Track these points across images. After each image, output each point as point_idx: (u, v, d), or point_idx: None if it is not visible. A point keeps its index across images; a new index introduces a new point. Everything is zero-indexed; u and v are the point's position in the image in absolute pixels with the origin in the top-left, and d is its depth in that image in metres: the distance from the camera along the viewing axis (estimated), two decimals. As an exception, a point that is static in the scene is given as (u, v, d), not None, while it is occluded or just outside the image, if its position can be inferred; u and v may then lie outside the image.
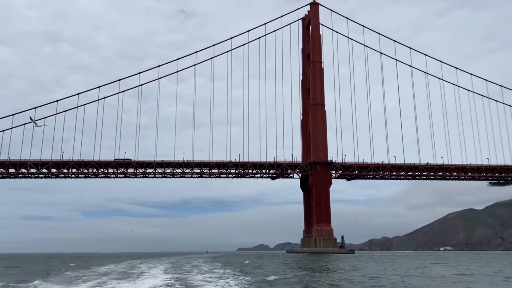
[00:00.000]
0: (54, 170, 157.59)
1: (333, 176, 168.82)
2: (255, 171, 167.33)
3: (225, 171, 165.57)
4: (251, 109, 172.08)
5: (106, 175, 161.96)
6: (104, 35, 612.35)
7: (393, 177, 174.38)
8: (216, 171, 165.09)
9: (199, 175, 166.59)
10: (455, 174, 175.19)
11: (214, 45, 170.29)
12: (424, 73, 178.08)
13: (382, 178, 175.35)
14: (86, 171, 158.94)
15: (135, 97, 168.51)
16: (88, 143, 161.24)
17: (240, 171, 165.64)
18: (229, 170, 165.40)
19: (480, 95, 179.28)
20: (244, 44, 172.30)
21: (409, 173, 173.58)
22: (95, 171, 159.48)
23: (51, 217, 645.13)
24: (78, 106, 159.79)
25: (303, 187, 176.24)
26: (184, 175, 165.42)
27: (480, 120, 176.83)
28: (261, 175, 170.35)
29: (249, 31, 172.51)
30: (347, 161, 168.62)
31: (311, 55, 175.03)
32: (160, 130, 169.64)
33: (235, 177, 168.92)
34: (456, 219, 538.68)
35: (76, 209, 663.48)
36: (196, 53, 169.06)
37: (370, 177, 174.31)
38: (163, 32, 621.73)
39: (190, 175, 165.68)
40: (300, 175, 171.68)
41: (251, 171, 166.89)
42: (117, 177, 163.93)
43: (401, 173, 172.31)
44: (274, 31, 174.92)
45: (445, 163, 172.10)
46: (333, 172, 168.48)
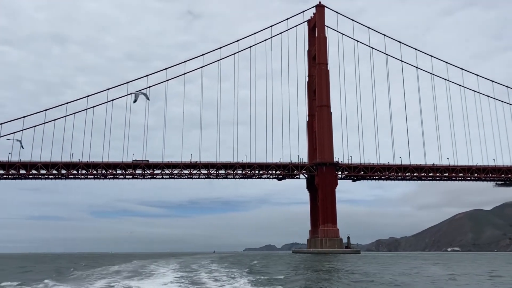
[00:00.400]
0: (64, 171, 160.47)
1: (339, 177, 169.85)
2: (261, 172, 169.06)
3: (232, 172, 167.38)
4: (258, 109, 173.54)
5: (114, 176, 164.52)
6: (111, 36, 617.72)
7: (398, 178, 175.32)
8: (223, 172, 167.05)
9: (206, 176, 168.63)
10: (461, 175, 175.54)
11: (221, 48, 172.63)
12: (430, 74, 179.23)
13: (388, 179, 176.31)
14: (95, 172, 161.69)
15: (142, 98, 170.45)
16: (96, 144, 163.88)
17: (246, 172, 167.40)
18: (236, 171, 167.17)
19: (486, 95, 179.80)
20: (250, 46, 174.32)
21: (415, 174, 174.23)
22: (104, 172, 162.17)
23: (59, 217, 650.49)
24: (87, 108, 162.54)
25: (309, 187, 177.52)
26: (191, 176, 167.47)
27: (486, 120, 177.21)
28: (268, 176, 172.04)
29: (255, 34, 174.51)
30: (353, 162, 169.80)
31: (317, 57, 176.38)
32: (167, 130, 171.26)
33: (242, 178, 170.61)
34: (464, 219, 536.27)
35: (84, 209, 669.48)
36: (203, 55, 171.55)
37: (376, 178, 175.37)
38: (171, 33, 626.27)
39: (197, 176, 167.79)
40: (306, 176, 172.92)
41: (257, 172, 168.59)
42: (125, 178, 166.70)
43: (407, 174, 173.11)
44: (280, 33, 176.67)
45: (451, 164, 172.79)
46: (339, 173, 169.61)
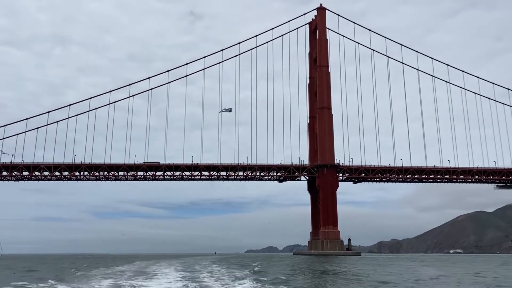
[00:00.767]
0: (66, 173, 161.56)
1: (340, 178, 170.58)
2: (262, 174, 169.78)
3: (233, 174, 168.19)
4: (259, 110, 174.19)
5: (116, 177, 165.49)
6: (113, 37, 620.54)
7: (399, 180, 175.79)
8: (224, 173, 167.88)
9: (208, 178, 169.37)
10: (462, 177, 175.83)
11: (222, 50, 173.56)
12: (431, 76, 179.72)
13: (388, 181, 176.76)
14: (97, 173, 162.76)
15: (145, 99, 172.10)
16: (98, 145, 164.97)
17: (248, 173, 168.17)
18: (237, 172, 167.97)
19: (487, 98, 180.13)
20: (252, 48, 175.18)
21: (416, 176, 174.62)
22: (106, 173, 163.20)
23: (61, 218, 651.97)
24: (89, 110, 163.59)
25: (310, 189, 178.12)
26: (193, 177, 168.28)
27: (487, 122, 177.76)
28: (269, 177, 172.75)
29: (256, 36, 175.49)
30: (354, 164, 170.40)
31: (318, 59, 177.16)
32: (169, 131, 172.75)
33: (243, 179, 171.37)
34: (466, 221, 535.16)
35: (86, 210, 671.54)
36: (204, 58, 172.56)
37: (376, 180, 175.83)
38: (172, 34, 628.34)
39: (198, 177, 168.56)
40: (307, 178, 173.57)
41: (259, 173, 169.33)
42: (127, 180, 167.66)
43: (408, 176, 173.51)
44: (281, 35, 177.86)
45: (451, 166, 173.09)
46: (340, 174, 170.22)
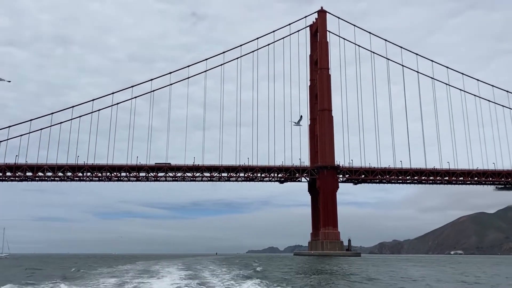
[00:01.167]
0: (69, 173, 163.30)
1: (340, 180, 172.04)
2: (263, 175, 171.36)
3: (235, 175, 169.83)
4: (260, 111, 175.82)
5: (119, 178, 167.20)
6: (115, 37, 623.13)
7: (399, 182, 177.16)
8: (225, 174, 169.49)
9: (209, 179, 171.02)
10: (461, 178, 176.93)
11: (224, 52, 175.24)
12: (430, 78, 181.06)
13: (388, 182, 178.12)
14: (100, 174, 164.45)
15: (147, 100, 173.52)
16: (101, 145, 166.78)
17: (249, 175, 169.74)
18: (239, 174, 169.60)
19: (486, 100, 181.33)
20: (253, 51, 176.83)
21: (415, 178, 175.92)
22: (108, 174, 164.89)
23: (63, 218, 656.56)
24: (92, 111, 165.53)
25: (310, 190, 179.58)
26: (194, 178, 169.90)
27: (486, 125, 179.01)
28: (270, 178, 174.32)
29: (258, 39, 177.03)
30: (354, 165, 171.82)
31: (319, 61, 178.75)
32: (171, 131, 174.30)
33: (244, 180, 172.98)
34: (467, 222, 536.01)
35: (88, 211, 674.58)
36: (206, 60, 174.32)
37: (376, 181, 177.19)
38: (174, 34, 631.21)
39: (200, 178, 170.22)
40: (307, 179, 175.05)
41: (259, 175, 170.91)
42: (129, 181, 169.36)
43: (407, 178, 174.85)
44: (282, 38, 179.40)
45: (451, 167, 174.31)
46: (340, 176, 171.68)
